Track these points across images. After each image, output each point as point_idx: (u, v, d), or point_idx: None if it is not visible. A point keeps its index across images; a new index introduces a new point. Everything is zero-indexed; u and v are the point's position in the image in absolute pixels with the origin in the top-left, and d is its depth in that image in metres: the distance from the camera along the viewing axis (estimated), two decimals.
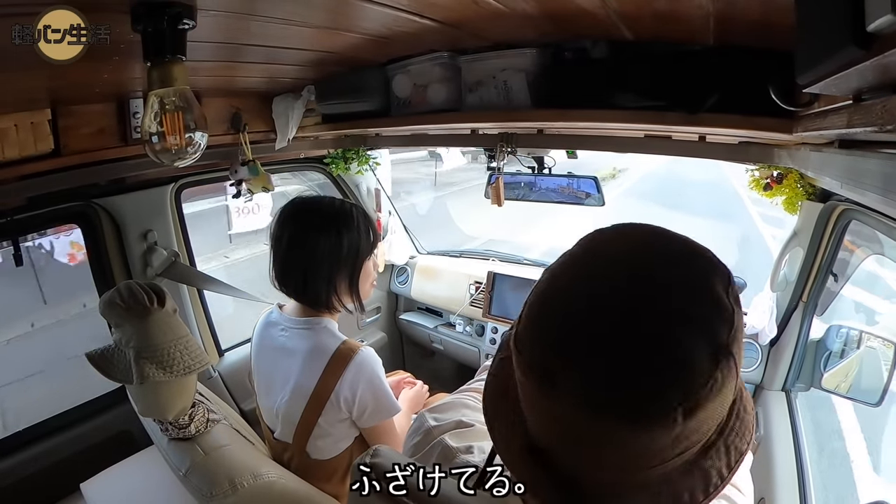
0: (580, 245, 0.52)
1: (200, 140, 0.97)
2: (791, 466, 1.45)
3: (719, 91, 1.03)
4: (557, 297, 0.49)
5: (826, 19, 0.46)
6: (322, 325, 1.35)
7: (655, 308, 0.44)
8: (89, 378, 1.25)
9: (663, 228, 0.52)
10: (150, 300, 1.13)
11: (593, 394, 0.43)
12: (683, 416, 0.42)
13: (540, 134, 1.60)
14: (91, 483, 1.53)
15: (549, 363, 0.45)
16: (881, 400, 1.43)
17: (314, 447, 1.33)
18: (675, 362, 0.43)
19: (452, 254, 2.81)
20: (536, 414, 0.49)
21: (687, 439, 0.44)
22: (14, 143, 1.19)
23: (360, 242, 1.35)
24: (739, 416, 0.51)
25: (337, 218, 1.33)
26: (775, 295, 1.73)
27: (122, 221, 1.74)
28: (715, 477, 0.48)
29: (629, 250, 0.50)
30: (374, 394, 1.31)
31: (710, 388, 0.42)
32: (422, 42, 1.28)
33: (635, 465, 0.45)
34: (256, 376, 1.46)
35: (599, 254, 0.51)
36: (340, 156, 2.33)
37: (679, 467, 0.47)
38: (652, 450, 0.44)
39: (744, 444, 0.50)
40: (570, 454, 0.48)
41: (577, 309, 0.46)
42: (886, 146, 0.63)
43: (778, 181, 1.51)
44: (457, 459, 0.68)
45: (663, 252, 0.49)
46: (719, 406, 0.45)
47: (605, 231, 0.52)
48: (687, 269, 0.48)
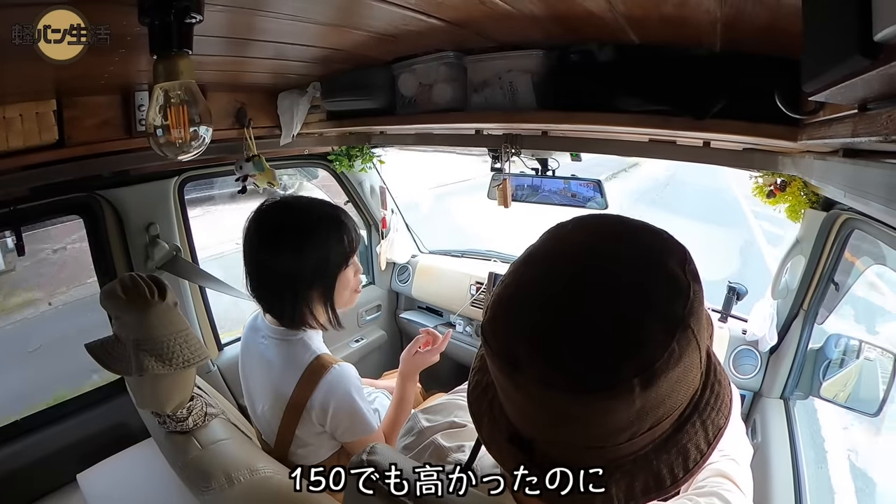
0: (542, 238, 0.54)
1: (205, 134, 0.96)
2: (788, 474, 1.45)
3: (725, 97, 1.02)
4: (518, 288, 0.50)
5: (833, 28, 0.46)
6: (298, 336, 1.31)
7: (609, 288, 0.46)
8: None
9: (621, 216, 0.54)
10: (151, 293, 1.13)
11: (553, 373, 0.44)
12: (641, 387, 0.43)
13: (544, 136, 1.60)
14: (88, 474, 1.54)
15: (513, 348, 0.47)
16: (879, 410, 1.43)
17: (296, 455, 1.31)
18: (628, 336, 0.44)
19: (454, 253, 2.81)
20: (509, 401, 0.51)
21: (653, 412, 0.46)
22: (19, 132, 1.19)
23: (329, 255, 1.28)
24: (714, 389, 0.52)
25: (302, 232, 1.25)
26: (776, 302, 1.72)
27: (125, 214, 1.75)
28: (694, 452, 0.49)
29: (586, 239, 0.52)
30: (347, 413, 1.27)
31: (666, 359, 0.44)
32: (428, 41, 1.28)
33: (607, 441, 0.47)
34: (243, 379, 1.46)
35: (557, 245, 0.53)
36: (344, 153, 2.33)
37: (654, 443, 0.49)
38: (618, 424, 0.45)
39: (721, 418, 0.51)
40: (545, 436, 0.49)
41: (536, 296, 0.49)
42: (891, 156, 0.62)
43: (781, 189, 1.50)
44: (449, 458, 0.69)
45: (618, 237, 0.51)
46: (682, 377, 0.46)
47: (564, 223, 0.55)
48: (640, 249, 0.50)
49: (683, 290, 0.47)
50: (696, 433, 0.50)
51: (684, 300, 0.46)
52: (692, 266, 0.49)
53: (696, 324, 0.46)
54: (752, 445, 1.60)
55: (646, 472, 0.48)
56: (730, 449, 0.77)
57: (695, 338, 0.46)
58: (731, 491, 0.68)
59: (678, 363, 0.45)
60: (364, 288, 2.78)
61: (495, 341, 0.49)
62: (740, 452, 0.78)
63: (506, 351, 0.47)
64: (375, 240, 2.70)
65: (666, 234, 0.52)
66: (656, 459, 0.49)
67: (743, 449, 0.80)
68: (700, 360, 0.48)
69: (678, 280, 0.47)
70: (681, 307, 0.46)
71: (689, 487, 0.73)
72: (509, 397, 0.50)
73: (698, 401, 0.51)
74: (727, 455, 0.75)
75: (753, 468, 0.79)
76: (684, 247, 0.51)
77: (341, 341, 2.56)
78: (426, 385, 2.03)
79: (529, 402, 0.48)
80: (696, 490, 0.70)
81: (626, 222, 0.53)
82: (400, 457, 0.65)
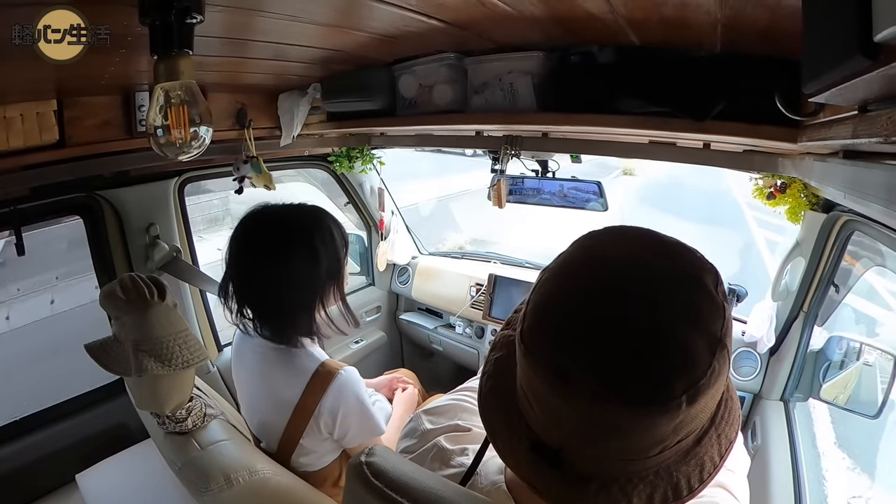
0: (577, 247, 0.54)
1: (205, 135, 0.96)
2: (787, 476, 1.45)
3: (725, 98, 1.03)
4: (562, 297, 0.50)
5: (833, 29, 0.46)
6: (297, 346, 1.29)
7: (656, 303, 0.47)
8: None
9: (651, 230, 0.54)
10: (150, 293, 1.13)
11: (606, 388, 0.44)
12: (687, 403, 0.44)
13: (545, 137, 1.60)
14: (87, 474, 1.54)
15: (561, 361, 0.47)
16: (880, 412, 1.42)
17: (298, 463, 1.31)
18: (678, 354, 0.45)
19: (454, 255, 2.82)
20: (547, 411, 0.50)
21: (686, 427, 0.47)
22: (19, 132, 1.19)
23: (339, 252, 1.27)
24: (728, 405, 0.54)
25: (311, 235, 1.23)
26: (776, 304, 1.72)
27: (125, 214, 1.75)
28: (709, 464, 0.51)
29: (624, 249, 0.52)
30: (356, 418, 1.27)
31: (709, 376, 0.45)
32: (429, 42, 1.28)
33: (640, 454, 0.47)
34: (237, 386, 1.44)
35: (597, 254, 0.53)
36: (345, 154, 2.33)
37: (677, 456, 0.50)
38: (656, 438, 0.46)
39: (732, 431, 0.53)
40: (577, 446, 0.49)
41: (582, 308, 0.48)
42: (891, 157, 0.62)
43: (781, 190, 1.51)
44: (452, 461, 0.69)
45: (657, 251, 0.51)
46: (716, 394, 0.48)
47: (598, 233, 0.55)
48: (681, 266, 0.50)
49: (721, 310, 0.48)
50: (712, 446, 0.52)
51: (722, 319, 0.47)
52: (723, 286, 0.50)
53: (730, 343, 0.48)
54: (752, 447, 1.61)
55: (666, 482, 0.49)
56: (728, 459, 0.77)
57: (728, 357, 0.47)
58: (728, 501, 0.69)
59: (717, 381, 0.46)
60: (364, 289, 2.78)
61: (540, 352, 0.48)
62: (737, 463, 0.79)
63: (553, 363, 0.47)
64: (375, 241, 2.71)
65: (699, 253, 0.52)
66: (676, 471, 0.50)
67: (740, 459, 0.81)
68: (727, 378, 0.50)
69: (714, 298, 0.48)
70: (719, 326, 0.47)
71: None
72: (545, 407, 0.50)
73: (714, 415, 0.52)
74: (725, 465, 0.76)
75: (753, 470, 0.79)
76: (715, 266, 0.51)
77: (341, 342, 2.56)
78: (427, 386, 2.04)
79: (575, 414, 0.47)
80: (695, 500, 0.70)
81: (662, 237, 0.53)
82: (399, 458, 0.65)
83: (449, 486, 0.59)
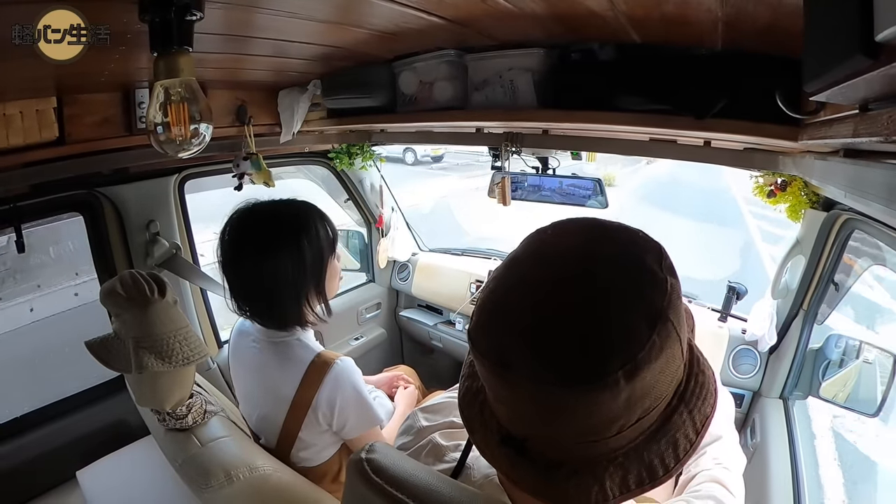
0: (522, 244, 0.56)
1: (205, 132, 0.96)
2: (787, 475, 1.45)
3: (726, 96, 1.02)
4: (504, 292, 0.52)
5: (834, 27, 0.46)
6: (292, 337, 1.30)
7: (592, 287, 0.48)
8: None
9: (598, 219, 0.56)
10: (150, 290, 1.13)
11: (544, 369, 0.46)
12: (626, 379, 0.45)
13: (545, 134, 1.60)
14: (87, 471, 1.55)
15: (502, 349, 0.49)
16: (878, 410, 1.43)
17: (298, 458, 1.31)
18: (614, 331, 0.46)
19: (454, 252, 2.81)
20: (501, 402, 0.52)
21: (640, 403, 0.48)
22: (19, 130, 1.19)
23: (323, 248, 1.28)
24: (698, 380, 0.54)
25: (297, 232, 1.25)
26: (776, 302, 1.73)
27: (125, 211, 1.75)
28: (683, 441, 0.51)
29: (566, 241, 0.54)
30: (354, 407, 1.28)
31: (648, 350, 0.46)
32: (429, 39, 1.28)
33: (597, 434, 0.48)
34: (235, 382, 1.45)
35: (539, 248, 0.55)
36: (345, 151, 2.33)
37: (644, 436, 0.50)
38: (606, 415, 0.47)
39: (707, 407, 0.54)
40: (538, 434, 0.51)
41: (522, 299, 0.50)
42: (892, 157, 0.62)
43: (782, 188, 1.51)
44: (446, 457, 0.70)
45: (596, 238, 0.53)
46: (665, 368, 0.48)
47: (543, 229, 0.57)
48: (618, 248, 0.52)
49: (661, 285, 0.49)
50: (685, 423, 0.52)
51: (662, 294, 0.48)
52: (668, 261, 0.51)
53: (675, 316, 0.49)
54: (752, 445, 1.61)
55: (638, 464, 0.50)
56: (724, 457, 0.79)
57: (675, 329, 0.48)
58: (725, 496, 0.70)
59: (660, 354, 0.47)
60: (364, 286, 2.78)
61: (484, 344, 0.51)
62: (733, 461, 0.80)
63: (495, 352, 0.49)
64: (375, 238, 2.70)
65: (641, 233, 0.54)
66: (647, 451, 0.50)
67: (736, 458, 0.82)
68: (681, 351, 0.50)
69: (655, 275, 0.49)
70: (660, 301, 0.48)
71: (686, 489, 0.74)
72: (500, 398, 0.52)
73: (683, 391, 0.53)
74: (721, 463, 0.78)
75: (752, 467, 0.80)
76: (659, 243, 0.53)
77: (341, 339, 2.56)
78: (427, 382, 2.04)
79: (521, 399, 0.49)
80: (693, 493, 0.72)
81: (603, 224, 0.55)
82: (399, 455, 0.66)
83: (446, 482, 0.60)
